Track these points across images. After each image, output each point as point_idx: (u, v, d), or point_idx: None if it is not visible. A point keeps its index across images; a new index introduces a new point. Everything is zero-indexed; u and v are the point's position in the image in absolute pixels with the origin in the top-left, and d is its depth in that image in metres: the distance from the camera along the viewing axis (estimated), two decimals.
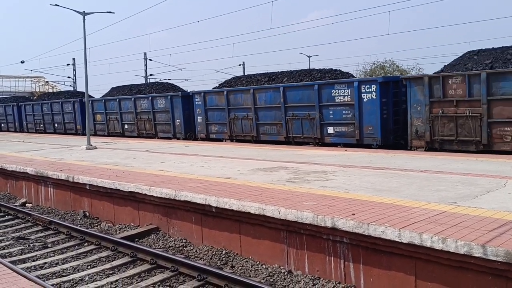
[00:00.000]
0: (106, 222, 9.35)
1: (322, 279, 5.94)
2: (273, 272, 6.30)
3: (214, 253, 7.09)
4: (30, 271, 6.53)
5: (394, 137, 15.18)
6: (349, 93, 15.41)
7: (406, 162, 10.58)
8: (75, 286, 6.08)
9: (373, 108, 14.86)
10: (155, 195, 8.13)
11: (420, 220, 5.37)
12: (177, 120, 22.26)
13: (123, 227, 8.88)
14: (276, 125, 17.81)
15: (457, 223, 5.21)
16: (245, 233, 6.92)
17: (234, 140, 19.41)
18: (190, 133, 21.81)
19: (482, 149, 12.73)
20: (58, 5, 18.42)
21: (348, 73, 19.18)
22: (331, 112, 16.00)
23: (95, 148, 17.36)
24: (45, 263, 7.05)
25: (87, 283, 6.15)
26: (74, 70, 49.70)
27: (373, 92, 14.82)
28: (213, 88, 21.83)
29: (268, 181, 8.48)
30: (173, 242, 7.82)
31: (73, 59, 49.15)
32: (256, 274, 6.30)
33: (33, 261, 7.20)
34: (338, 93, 15.73)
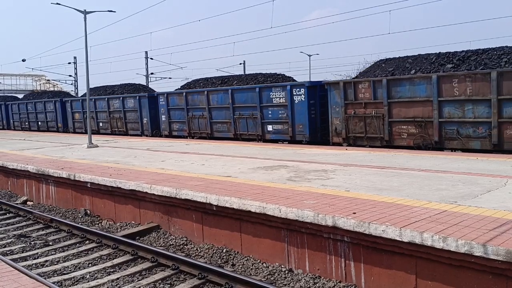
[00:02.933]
0: (107, 220, 9.37)
1: (322, 278, 5.95)
2: (274, 271, 6.31)
3: (214, 251, 7.10)
4: (31, 269, 6.56)
5: (322, 134, 16.62)
6: (284, 96, 17.21)
7: (407, 161, 10.59)
8: (76, 284, 6.10)
9: (303, 109, 16.65)
10: (156, 193, 8.14)
11: (421, 219, 5.38)
12: (145, 119, 23.93)
13: (124, 225, 8.89)
14: (227, 123, 19.51)
15: (457, 222, 5.21)
16: (245, 232, 6.93)
17: (196, 137, 20.94)
18: (156, 131, 23.41)
19: (385, 144, 14.44)
20: (59, 4, 18.42)
21: (290, 77, 21.01)
22: (270, 112, 17.85)
23: (96, 146, 17.38)
24: (46, 261, 7.07)
25: (88, 281, 6.17)
26: (75, 68, 49.76)
27: (302, 95, 16.62)
28: (175, 90, 23.39)
29: (269, 179, 8.49)
30: (174, 240, 7.84)
31: (74, 57, 49.25)
32: (257, 273, 6.32)
33: (34, 259, 7.23)
34: (275, 95, 17.57)
